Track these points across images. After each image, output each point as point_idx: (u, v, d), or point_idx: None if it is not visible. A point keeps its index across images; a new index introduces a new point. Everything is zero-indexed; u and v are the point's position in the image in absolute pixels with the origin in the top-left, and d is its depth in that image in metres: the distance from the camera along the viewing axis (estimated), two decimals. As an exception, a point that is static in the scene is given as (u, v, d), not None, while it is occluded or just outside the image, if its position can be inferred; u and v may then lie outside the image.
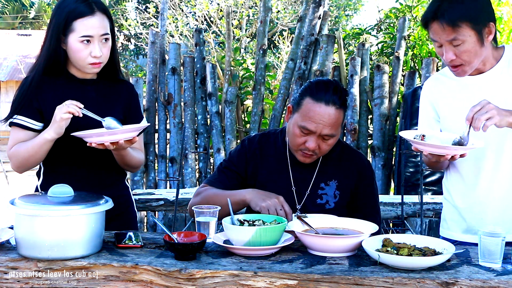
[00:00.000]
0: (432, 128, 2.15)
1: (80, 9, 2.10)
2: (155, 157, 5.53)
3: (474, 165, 2.08)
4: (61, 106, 2.03)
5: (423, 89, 2.24)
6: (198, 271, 1.64)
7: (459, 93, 2.09)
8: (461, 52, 1.94)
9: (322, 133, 2.10)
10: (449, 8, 1.91)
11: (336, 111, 2.10)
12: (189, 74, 5.53)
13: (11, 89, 19.43)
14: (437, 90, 2.17)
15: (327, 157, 2.26)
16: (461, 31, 1.91)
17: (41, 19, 24.77)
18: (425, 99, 2.21)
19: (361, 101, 5.30)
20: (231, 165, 2.32)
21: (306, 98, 2.12)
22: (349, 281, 1.59)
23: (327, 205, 2.23)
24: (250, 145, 2.33)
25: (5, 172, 9.69)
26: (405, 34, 5.53)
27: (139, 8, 14.02)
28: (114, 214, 2.10)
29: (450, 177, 2.20)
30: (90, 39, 2.11)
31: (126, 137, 2.06)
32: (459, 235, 2.15)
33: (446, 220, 2.23)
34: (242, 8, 11.90)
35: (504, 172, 2.05)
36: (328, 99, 2.09)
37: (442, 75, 2.20)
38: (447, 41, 1.94)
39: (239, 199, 2.13)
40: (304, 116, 2.11)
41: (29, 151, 2.11)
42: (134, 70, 13.79)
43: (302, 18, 5.71)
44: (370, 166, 2.35)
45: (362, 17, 55.81)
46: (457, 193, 2.17)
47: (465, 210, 2.13)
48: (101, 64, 2.19)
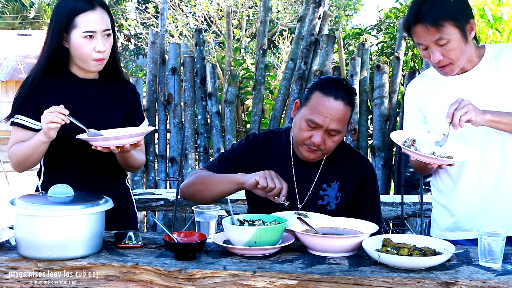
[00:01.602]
0: (419, 129, 2.16)
1: (80, 5, 2.11)
2: (155, 157, 5.53)
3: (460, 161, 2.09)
4: (45, 115, 1.98)
5: (406, 92, 2.26)
6: (198, 271, 1.64)
7: (444, 93, 2.10)
8: (448, 51, 1.96)
9: (329, 128, 2.10)
10: (430, 9, 1.93)
11: (345, 107, 2.11)
12: (189, 74, 5.53)
13: (11, 89, 19.44)
14: (422, 91, 2.18)
15: (330, 158, 2.26)
16: (445, 30, 1.93)
17: (41, 19, 24.77)
18: (410, 101, 2.22)
19: (361, 101, 5.30)
20: (232, 157, 2.32)
21: (316, 92, 2.14)
22: (349, 281, 1.59)
23: (328, 206, 2.23)
24: (254, 142, 2.33)
25: (5, 172, 9.68)
26: (405, 34, 5.52)
27: (139, 8, 14.01)
28: (114, 214, 2.10)
29: (437, 175, 2.21)
30: (93, 34, 2.11)
31: (131, 141, 2.07)
32: (449, 233, 2.16)
33: (436, 220, 2.24)
34: (242, 8, 11.90)
35: (490, 166, 2.06)
36: (337, 94, 2.10)
37: (425, 76, 2.21)
38: (432, 42, 1.96)
39: (235, 178, 2.12)
40: (313, 110, 2.12)
41: (25, 152, 2.11)
42: (134, 70, 13.77)
43: (302, 18, 5.71)
44: (372, 169, 2.35)
45: (362, 17, 55.79)
46: (444, 190, 2.18)
47: (453, 206, 2.14)
48: (104, 61, 2.18)
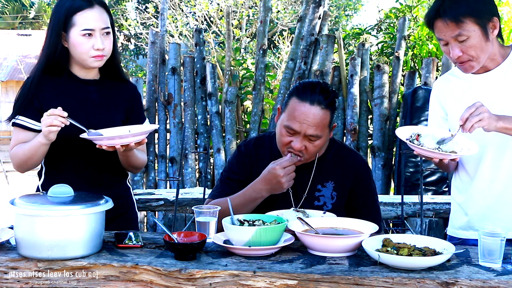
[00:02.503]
0: (440, 126, 2.17)
1: (78, 3, 2.10)
2: (155, 157, 5.52)
3: (475, 159, 2.09)
4: (44, 118, 1.98)
5: (433, 89, 2.28)
6: (198, 271, 1.64)
7: (466, 92, 2.11)
8: (467, 48, 1.96)
9: (306, 133, 2.08)
10: (452, 4, 1.95)
11: (321, 111, 2.08)
12: (189, 74, 5.52)
13: (11, 89, 19.44)
14: (446, 89, 2.20)
15: (322, 158, 2.25)
16: (465, 27, 1.94)
17: (41, 19, 24.77)
18: (434, 99, 2.24)
19: (361, 101, 5.29)
20: (232, 174, 2.30)
21: (293, 98, 2.12)
22: (349, 281, 1.59)
23: (324, 207, 2.22)
24: (246, 150, 2.32)
25: (5, 172, 9.68)
26: (405, 34, 5.52)
27: (139, 8, 14.01)
28: (114, 214, 2.10)
29: (456, 174, 2.22)
30: (92, 32, 2.10)
31: (136, 139, 2.07)
32: (462, 232, 2.17)
33: (451, 218, 2.25)
34: (242, 8, 11.90)
35: (505, 167, 2.06)
36: (313, 99, 2.08)
37: (451, 75, 2.22)
38: (452, 37, 1.96)
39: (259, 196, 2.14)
40: (290, 116, 2.10)
41: (26, 153, 2.11)
42: (134, 70, 13.77)
43: (302, 18, 5.70)
44: (366, 165, 2.33)
45: (362, 17, 55.78)
46: (461, 188, 2.19)
47: (467, 205, 2.15)
48: (104, 57, 2.17)
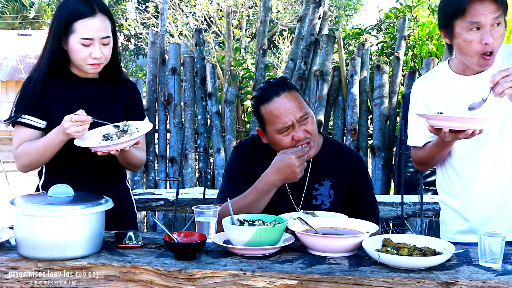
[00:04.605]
0: (423, 125, 2.10)
1: (81, 10, 2.10)
2: (155, 157, 5.52)
3: (472, 163, 2.07)
4: (69, 125, 2.01)
5: (414, 88, 2.21)
6: (198, 271, 1.64)
7: (453, 92, 2.08)
8: (499, 35, 1.92)
9: (297, 118, 2.10)
10: None
11: (290, 94, 2.13)
12: (189, 74, 5.52)
13: (11, 89, 19.44)
14: (430, 88, 2.15)
15: (317, 157, 2.24)
16: (500, 11, 1.90)
17: (41, 19, 24.78)
18: (417, 96, 2.18)
19: (361, 101, 5.29)
20: (238, 175, 2.27)
21: (261, 107, 2.14)
22: (349, 281, 1.59)
23: (322, 205, 2.22)
24: (244, 149, 2.31)
25: (5, 172, 9.68)
26: (405, 34, 5.52)
27: (139, 8, 14.02)
28: (114, 215, 2.10)
29: (446, 178, 2.18)
30: (91, 42, 2.11)
31: (131, 144, 2.08)
32: (461, 236, 2.13)
33: (446, 223, 2.20)
34: (242, 8, 11.91)
35: (503, 170, 2.04)
36: (275, 91, 2.12)
37: (432, 75, 2.18)
38: (493, 19, 1.90)
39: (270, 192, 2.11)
40: (274, 120, 2.11)
41: (40, 150, 2.12)
42: (134, 70, 13.78)
43: (302, 18, 5.70)
44: (362, 161, 2.31)
45: (362, 17, 55.83)
46: (454, 193, 2.15)
47: (466, 210, 2.11)
48: (101, 65, 2.19)
